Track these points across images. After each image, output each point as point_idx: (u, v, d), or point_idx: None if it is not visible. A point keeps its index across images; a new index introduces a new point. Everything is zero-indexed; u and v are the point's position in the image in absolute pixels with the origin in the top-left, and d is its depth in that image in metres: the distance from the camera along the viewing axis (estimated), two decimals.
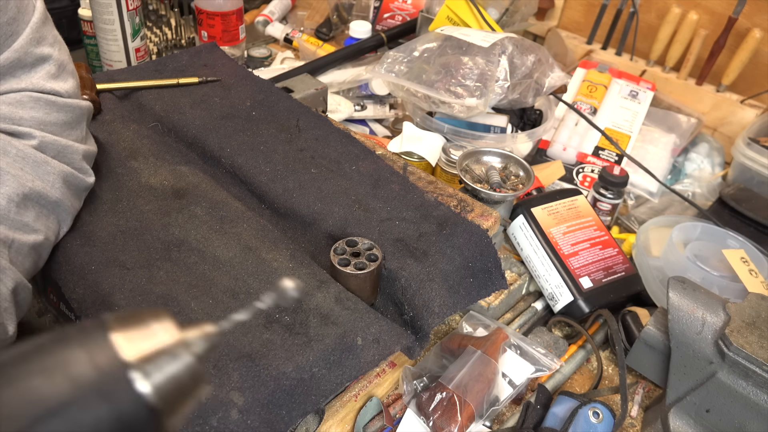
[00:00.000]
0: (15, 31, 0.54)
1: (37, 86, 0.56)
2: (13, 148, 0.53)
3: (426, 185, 0.70)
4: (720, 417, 0.57)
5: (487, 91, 0.86)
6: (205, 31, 1.12)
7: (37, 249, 0.54)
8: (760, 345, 0.54)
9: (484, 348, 0.63)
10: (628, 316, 0.71)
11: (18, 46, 0.55)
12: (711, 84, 1.15)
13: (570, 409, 0.61)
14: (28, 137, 0.55)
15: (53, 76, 0.58)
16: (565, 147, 1.03)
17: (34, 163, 0.54)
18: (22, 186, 0.53)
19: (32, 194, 0.53)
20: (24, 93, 0.56)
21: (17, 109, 0.55)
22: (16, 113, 0.55)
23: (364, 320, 0.53)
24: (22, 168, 0.53)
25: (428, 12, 1.19)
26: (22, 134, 0.55)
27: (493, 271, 0.63)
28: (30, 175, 0.54)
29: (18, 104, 0.55)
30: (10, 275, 0.49)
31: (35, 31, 0.56)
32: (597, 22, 1.26)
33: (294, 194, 0.66)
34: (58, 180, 0.56)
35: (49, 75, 0.57)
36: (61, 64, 0.59)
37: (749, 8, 1.08)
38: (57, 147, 0.57)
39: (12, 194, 0.52)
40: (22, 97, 0.55)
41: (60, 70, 0.59)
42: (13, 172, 0.52)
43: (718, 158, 1.07)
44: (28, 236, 0.52)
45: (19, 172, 0.53)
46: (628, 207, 0.97)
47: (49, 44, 0.58)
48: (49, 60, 0.58)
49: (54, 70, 0.58)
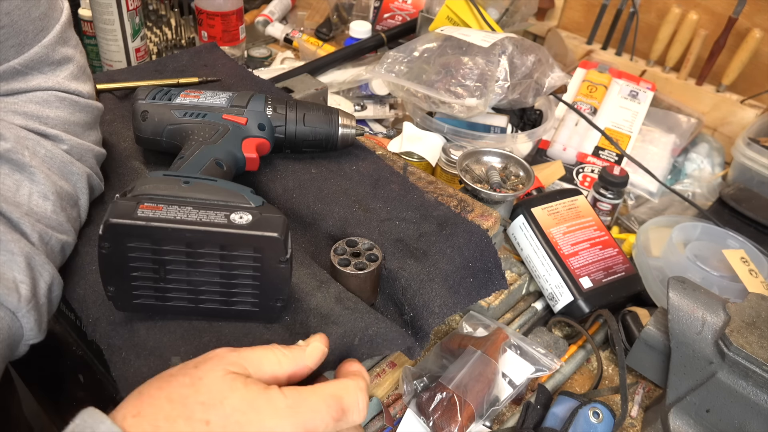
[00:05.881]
0: (45, 26, 0.55)
1: (63, 86, 0.57)
2: (42, 149, 0.54)
3: (426, 185, 0.70)
4: (720, 417, 0.57)
5: (487, 91, 0.86)
6: (205, 31, 1.12)
7: (65, 249, 0.54)
8: (760, 345, 0.54)
9: (484, 348, 0.63)
10: (628, 316, 0.71)
11: (47, 42, 0.55)
12: (711, 84, 1.15)
13: (570, 409, 0.61)
14: (58, 140, 0.56)
15: (75, 77, 0.59)
16: (565, 147, 1.03)
17: (61, 164, 0.55)
18: (54, 185, 0.53)
19: (63, 194, 0.54)
20: (50, 92, 0.57)
21: (44, 109, 0.56)
22: (43, 112, 0.55)
23: (364, 320, 0.52)
24: (50, 168, 0.54)
25: (428, 12, 1.19)
26: (51, 136, 0.56)
27: (493, 271, 0.63)
28: (57, 175, 0.54)
29: (45, 103, 0.56)
30: (48, 270, 0.50)
31: (63, 31, 0.57)
32: (597, 22, 1.26)
33: (294, 194, 0.66)
34: (82, 181, 0.57)
35: (72, 75, 0.58)
36: (82, 66, 0.60)
37: (749, 8, 1.08)
38: (81, 150, 0.58)
39: (47, 192, 0.52)
40: (49, 96, 0.56)
41: (81, 72, 0.60)
42: (45, 172, 0.53)
43: (718, 158, 1.07)
44: (60, 235, 0.53)
45: (48, 171, 0.53)
46: (628, 207, 0.97)
47: (73, 46, 0.59)
48: (72, 60, 0.59)
49: (76, 71, 0.59)
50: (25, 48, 0.54)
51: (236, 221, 0.43)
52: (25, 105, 0.55)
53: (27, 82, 0.55)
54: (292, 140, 0.69)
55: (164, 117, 0.66)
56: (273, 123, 0.67)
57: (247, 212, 0.44)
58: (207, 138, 0.63)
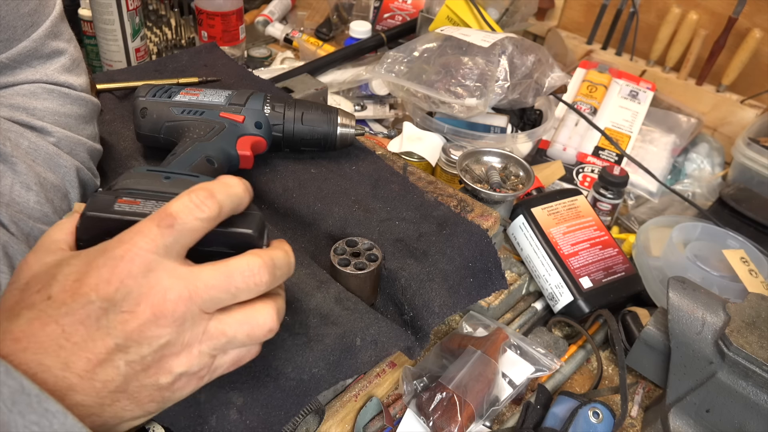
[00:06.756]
0: (35, 22, 0.55)
1: (51, 78, 0.57)
2: (25, 140, 0.53)
3: (426, 185, 0.70)
4: (720, 417, 0.57)
5: (487, 91, 0.86)
6: (205, 31, 1.12)
7: None
8: (760, 345, 0.54)
9: (484, 348, 0.63)
10: (628, 316, 0.71)
11: (36, 36, 0.55)
12: (711, 84, 1.15)
13: (570, 409, 0.61)
14: (45, 132, 0.55)
15: (67, 69, 0.59)
16: (565, 147, 1.03)
17: (47, 156, 0.54)
18: (38, 176, 0.53)
19: (47, 185, 0.54)
20: (38, 84, 0.56)
21: (32, 100, 0.55)
22: (30, 104, 0.55)
23: (364, 320, 0.52)
24: (34, 159, 0.53)
25: (428, 12, 1.19)
26: (38, 128, 0.55)
27: (493, 271, 0.63)
28: (42, 167, 0.54)
29: (32, 95, 0.56)
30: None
31: (54, 25, 0.57)
32: (597, 22, 1.26)
33: (294, 194, 0.66)
34: (71, 174, 0.56)
35: (63, 68, 0.58)
36: (75, 59, 0.60)
37: (749, 8, 1.08)
38: (71, 143, 0.57)
39: (30, 183, 0.52)
40: (36, 89, 0.56)
41: (74, 65, 0.60)
42: (28, 163, 0.52)
43: (718, 158, 1.07)
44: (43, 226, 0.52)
45: (32, 162, 0.53)
46: (628, 207, 0.97)
47: (65, 40, 0.59)
48: (64, 54, 0.59)
49: (68, 63, 0.59)
50: (13, 43, 0.54)
51: None
52: (11, 97, 0.55)
53: (15, 76, 0.55)
54: (290, 139, 0.69)
55: (163, 114, 0.66)
56: (271, 121, 0.67)
57: None
58: (201, 135, 0.63)
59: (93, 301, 0.34)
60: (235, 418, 0.45)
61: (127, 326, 0.34)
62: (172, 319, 0.35)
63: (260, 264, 0.38)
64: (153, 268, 0.35)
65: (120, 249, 0.35)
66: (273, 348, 0.49)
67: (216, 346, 0.38)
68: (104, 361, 0.34)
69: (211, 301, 0.37)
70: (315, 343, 0.50)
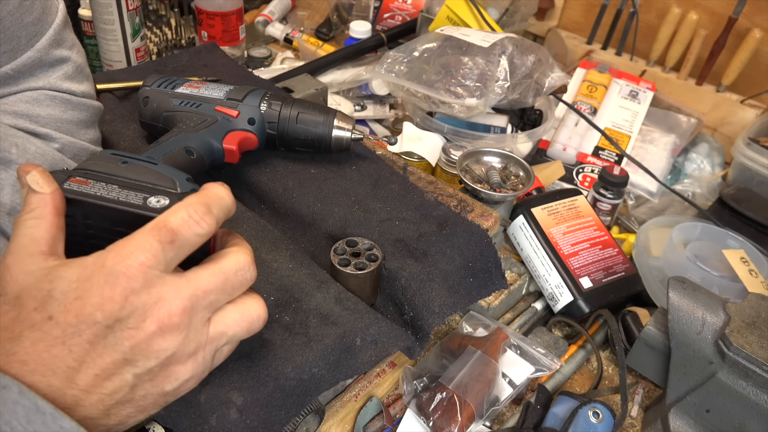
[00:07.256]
0: (39, 31, 0.55)
1: (54, 85, 0.57)
2: (32, 146, 0.54)
3: (426, 185, 0.70)
4: (720, 417, 0.57)
5: (487, 91, 0.86)
6: (205, 31, 1.12)
7: None
8: (760, 345, 0.54)
9: (484, 348, 0.63)
10: (628, 316, 0.71)
11: (40, 45, 0.55)
12: (711, 84, 1.15)
13: (570, 409, 0.61)
14: (49, 139, 0.56)
15: (69, 77, 0.59)
16: (565, 147, 1.03)
17: (53, 162, 0.55)
18: None
19: None
20: (40, 91, 0.57)
21: (34, 107, 0.56)
22: (33, 111, 0.56)
23: (364, 320, 0.52)
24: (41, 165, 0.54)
25: (428, 12, 1.19)
26: (42, 135, 0.56)
27: (493, 271, 0.63)
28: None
29: (35, 102, 0.56)
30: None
31: (57, 33, 0.57)
32: (597, 22, 1.26)
33: (294, 194, 0.66)
34: None
35: (66, 76, 0.58)
36: (78, 67, 0.60)
37: (749, 8, 1.08)
38: (74, 149, 0.58)
39: None
40: (39, 95, 0.56)
41: (77, 72, 0.60)
42: None
43: (718, 158, 1.07)
44: None
45: None
46: (628, 207, 0.97)
47: (68, 47, 0.59)
48: (67, 62, 0.59)
49: (71, 71, 0.59)
50: (17, 54, 0.54)
51: (151, 204, 0.42)
52: (15, 105, 0.55)
53: (18, 85, 0.55)
54: (284, 137, 0.69)
55: (162, 104, 0.68)
56: (266, 119, 0.68)
57: (167, 197, 0.43)
58: (190, 126, 0.64)
59: (99, 321, 0.34)
60: (235, 417, 0.45)
61: (134, 341, 0.35)
62: (178, 331, 0.36)
63: (248, 261, 0.40)
64: (155, 283, 0.36)
65: (120, 264, 0.35)
66: (273, 348, 0.49)
67: (217, 347, 0.39)
68: (112, 375, 0.35)
69: (211, 305, 0.38)
70: (315, 343, 0.50)
